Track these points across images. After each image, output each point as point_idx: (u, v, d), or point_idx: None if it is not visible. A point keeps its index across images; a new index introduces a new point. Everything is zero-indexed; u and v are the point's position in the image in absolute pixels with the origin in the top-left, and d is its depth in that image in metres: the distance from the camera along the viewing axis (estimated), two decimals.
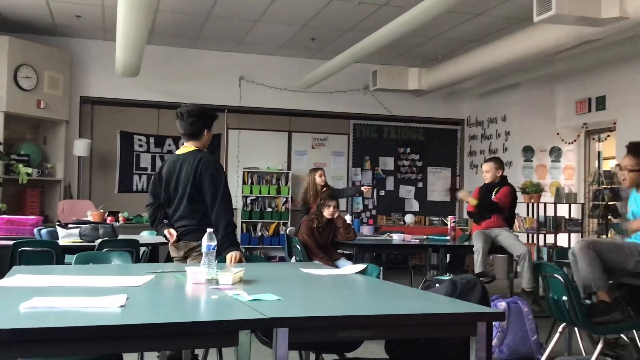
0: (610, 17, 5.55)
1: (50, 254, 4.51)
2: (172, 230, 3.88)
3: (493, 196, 6.30)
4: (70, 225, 5.30)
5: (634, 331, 4.05)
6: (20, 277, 2.76)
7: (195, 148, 3.94)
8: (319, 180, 7.35)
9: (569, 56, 8.04)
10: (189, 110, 3.91)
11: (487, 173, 6.39)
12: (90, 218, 6.57)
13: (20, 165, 7.37)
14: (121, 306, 2.09)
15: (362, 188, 8.06)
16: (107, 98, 9.23)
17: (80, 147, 8.70)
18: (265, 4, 7.37)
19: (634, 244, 3.97)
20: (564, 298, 3.74)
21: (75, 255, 3.83)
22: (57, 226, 5.33)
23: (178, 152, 4.03)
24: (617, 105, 8.33)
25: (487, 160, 6.64)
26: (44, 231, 5.16)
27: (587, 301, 3.92)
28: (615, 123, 8.40)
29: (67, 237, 5.10)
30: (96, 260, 3.88)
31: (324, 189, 7.33)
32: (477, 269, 5.84)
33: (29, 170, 7.78)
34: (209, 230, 2.93)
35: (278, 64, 9.86)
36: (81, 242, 5.02)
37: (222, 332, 1.94)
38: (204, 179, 3.80)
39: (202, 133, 3.94)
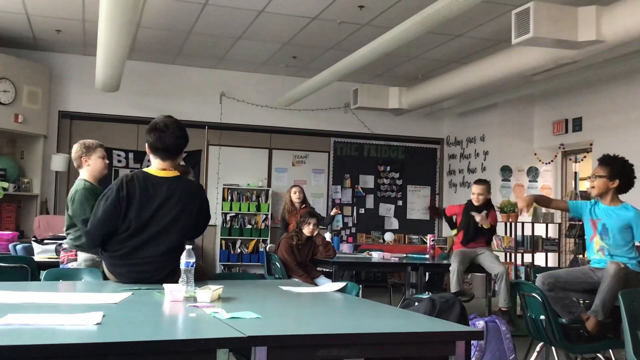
0: (586, 41, 5.66)
1: (26, 270, 4.44)
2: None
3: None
4: (46, 241, 5.24)
5: (610, 350, 4.09)
6: None
7: (178, 173, 3.36)
8: (293, 197, 7.36)
9: (547, 78, 8.18)
10: (176, 121, 3.29)
11: (480, 196, 6.20)
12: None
13: None
14: (97, 324, 2.06)
15: (332, 213, 8.04)
16: (87, 113, 9.17)
17: (58, 162, 8.61)
18: (247, 21, 7.41)
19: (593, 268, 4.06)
20: (542, 317, 3.77)
21: (45, 272, 3.74)
22: (32, 242, 5.26)
23: (152, 172, 3.30)
24: (594, 126, 8.47)
25: (481, 182, 6.34)
26: (19, 247, 5.09)
27: (563, 320, 3.93)
28: (591, 144, 8.53)
29: (42, 252, 5.04)
30: (66, 277, 3.72)
31: (303, 206, 7.33)
32: (452, 288, 5.84)
33: (5, 185, 7.68)
34: (188, 247, 2.91)
35: (259, 81, 9.88)
36: (57, 258, 4.95)
37: (200, 350, 1.92)
38: (204, 217, 3.44)
39: (182, 153, 3.38)
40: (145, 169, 3.37)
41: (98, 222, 3.25)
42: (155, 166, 3.32)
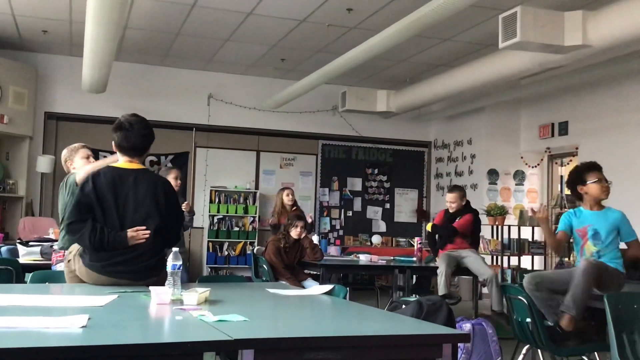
0: (573, 45, 5.70)
1: (10, 272, 4.40)
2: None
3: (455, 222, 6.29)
4: (31, 243, 5.19)
5: (596, 353, 4.11)
6: None
7: (144, 166, 3.45)
8: (286, 199, 7.36)
9: (533, 82, 8.23)
10: (141, 120, 3.39)
11: (452, 204, 6.28)
12: (52, 236, 6.44)
13: None
14: (82, 327, 2.05)
15: (308, 218, 7.68)
16: (73, 114, 9.11)
17: (44, 163, 8.54)
18: (236, 23, 7.39)
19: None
20: (528, 320, 3.79)
21: (31, 274, 3.71)
22: (17, 244, 5.21)
23: (119, 165, 3.37)
24: (579, 130, 8.53)
25: (452, 190, 6.43)
26: (3, 249, 5.05)
27: (549, 323, 3.94)
28: (577, 148, 8.60)
29: (27, 255, 4.99)
30: (53, 279, 3.68)
31: (294, 208, 7.32)
32: (440, 291, 5.87)
33: None
34: (175, 249, 2.89)
35: (247, 84, 9.87)
36: (42, 260, 4.91)
37: (186, 354, 1.91)
38: (174, 210, 3.42)
39: (148, 150, 3.45)
40: (111, 164, 3.45)
41: (69, 211, 3.30)
42: (122, 160, 3.40)
